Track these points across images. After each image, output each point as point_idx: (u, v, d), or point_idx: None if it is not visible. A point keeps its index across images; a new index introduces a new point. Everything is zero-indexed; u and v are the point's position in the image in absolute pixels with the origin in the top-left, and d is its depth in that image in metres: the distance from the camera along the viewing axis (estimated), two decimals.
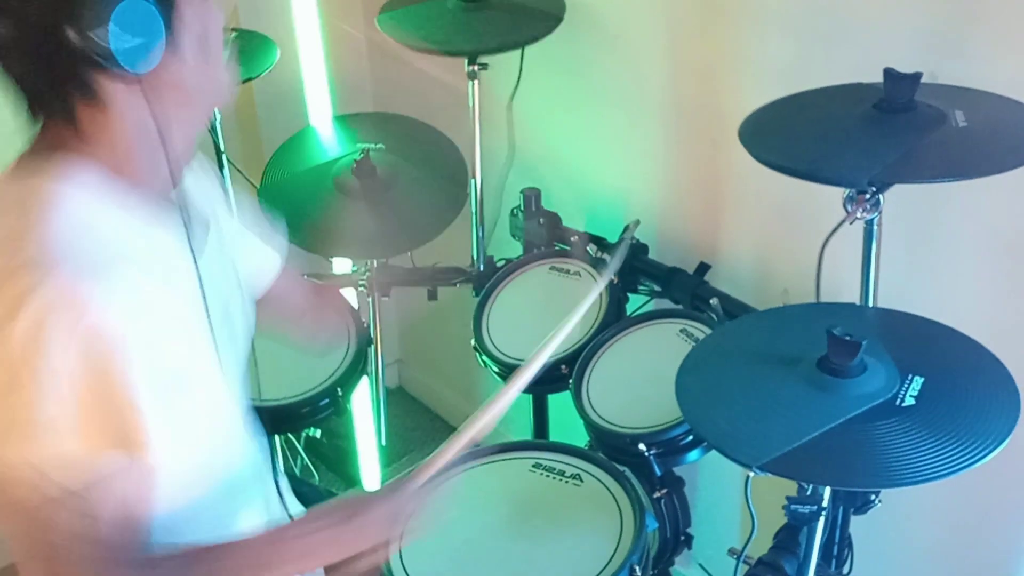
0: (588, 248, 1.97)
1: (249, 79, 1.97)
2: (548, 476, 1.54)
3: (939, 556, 1.79)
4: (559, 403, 1.84)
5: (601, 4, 1.96)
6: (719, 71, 1.81)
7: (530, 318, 1.90)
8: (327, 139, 2.13)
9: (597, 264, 1.91)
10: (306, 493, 1.45)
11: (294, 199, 2.00)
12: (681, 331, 1.72)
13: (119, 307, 0.96)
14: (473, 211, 2.09)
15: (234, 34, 1.10)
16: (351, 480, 2.65)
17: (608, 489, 1.50)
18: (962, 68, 1.42)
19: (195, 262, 1.08)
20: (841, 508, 1.50)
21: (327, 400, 1.81)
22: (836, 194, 1.31)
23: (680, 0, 1.83)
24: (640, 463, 1.56)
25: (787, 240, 1.81)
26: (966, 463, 1.08)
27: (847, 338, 1.19)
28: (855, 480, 1.18)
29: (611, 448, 1.60)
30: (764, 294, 1.82)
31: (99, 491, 0.97)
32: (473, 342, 1.88)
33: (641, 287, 1.93)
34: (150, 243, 1.05)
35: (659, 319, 1.78)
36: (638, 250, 1.92)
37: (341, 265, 2.29)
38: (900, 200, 1.33)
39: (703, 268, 1.84)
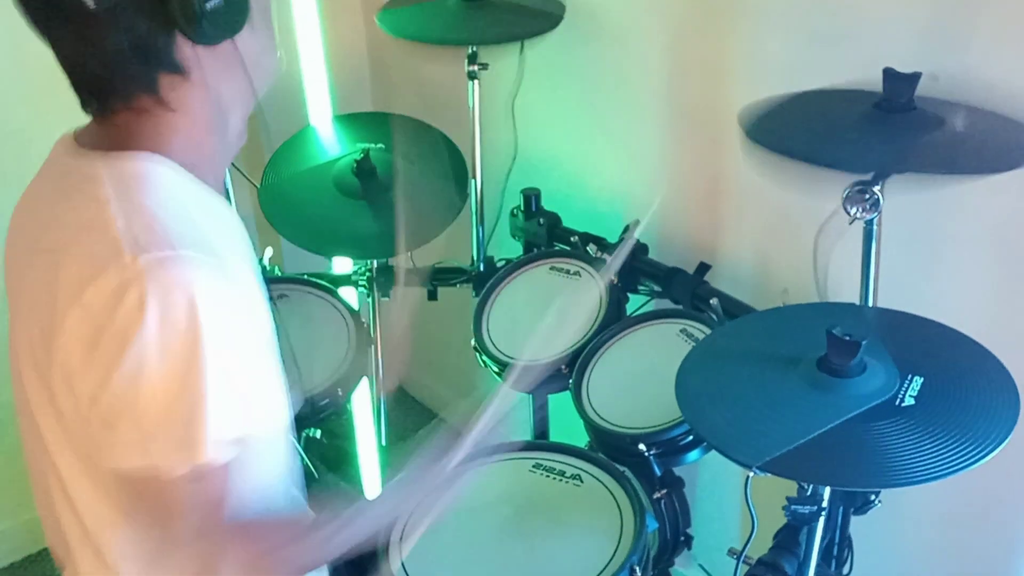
0: (588, 248, 1.97)
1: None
2: (548, 476, 1.54)
3: (939, 556, 1.79)
4: (559, 403, 1.84)
5: (601, 4, 1.96)
6: (719, 71, 1.81)
7: (530, 318, 1.90)
8: (327, 139, 2.13)
9: (596, 264, 1.91)
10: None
11: (294, 199, 2.00)
12: (681, 331, 1.72)
13: (240, 288, 0.98)
14: (473, 211, 2.09)
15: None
16: (351, 480, 2.65)
17: (608, 489, 1.50)
18: (962, 68, 1.42)
19: (254, 249, 1.12)
20: (841, 508, 1.50)
21: (327, 400, 1.81)
22: (836, 194, 1.31)
23: (680, 0, 1.83)
24: (640, 463, 1.56)
25: (787, 240, 1.81)
26: (966, 463, 1.08)
27: (847, 338, 1.19)
28: (855, 480, 1.18)
29: (611, 448, 1.60)
30: (764, 294, 1.82)
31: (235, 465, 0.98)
32: (473, 342, 1.88)
33: (641, 287, 1.93)
34: (228, 230, 1.07)
35: (659, 319, 1.78)
36: (638, 250, 1.92)
37: (341, 265, 2.29)
38: (900, 200, 1.33)
39: (703, 268, 1.84)
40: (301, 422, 1.86)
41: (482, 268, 2.15)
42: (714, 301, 1.74)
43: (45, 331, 0.97)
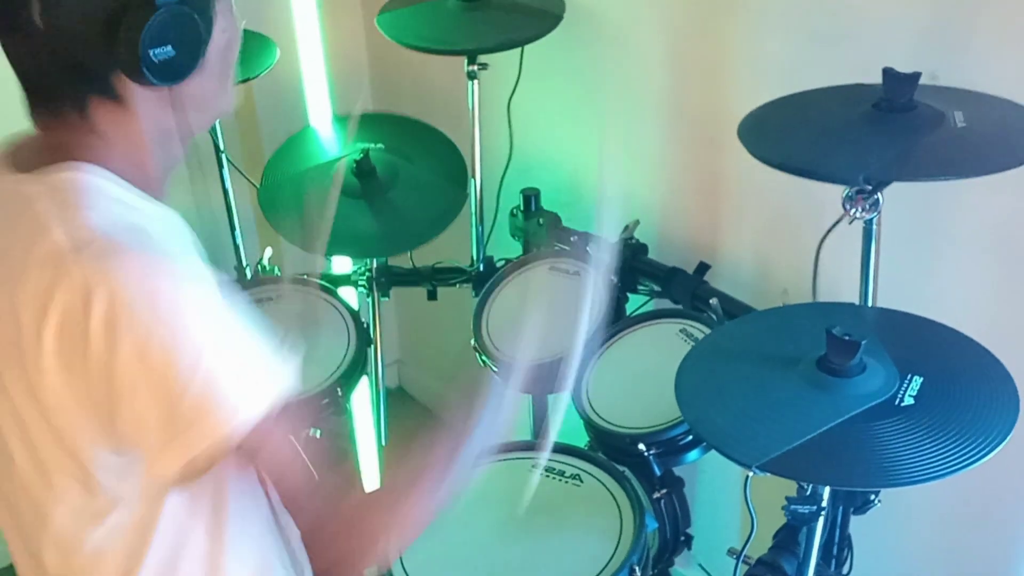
0: (588, 248, 1.97)
1: (249, 79, 1.97)
2: (548, 476, 1.54)
3: (939, 556, 1.79)
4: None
5: (601, 4, 1.96)
6: (719, 71, 1.81)
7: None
8: (327, 139, 2.13)
9: (597, 264, 1.91)
10: None
11: (294, 199, 2.00)
12: (681, 331, 1.72)
13: (189, 266, 0.96)
14: (473, 211, 2.09)
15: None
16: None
17: (608, 489, 1.50)
18: (962, 68, 1.42)
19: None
20: (841, 508, 1.49)
21: (327, 400, 1.81)
22: (836, 194, 1.31)
23: (680, 0, 1.83)
24: (640, 463, 1.56)
25: (787, 240, 1.81)
26: (965, 463, 1.08)
27: (846, 338, 1.19)
28: (854, 480, 1.18)
29: (611, 448, 1.60)
30: (764, 294, 1.82)
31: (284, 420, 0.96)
32: (473, 342, 1.88)
33: (641, 287, 1.93)
34: (170, 230, 1.05)
35: (659, 319, 1.78)
36: (638, 250, 1.92)
37: (341, 265, 2.29)
38: (900, 200, 1.33)
39: (703, 268, 1.84)
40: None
41: (482, 268, 2.15)
42: (714, 301, 1.74)
43: (17, 363, 0.95)
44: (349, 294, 2.14)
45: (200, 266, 1.00)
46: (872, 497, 1.48)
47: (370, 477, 2.58)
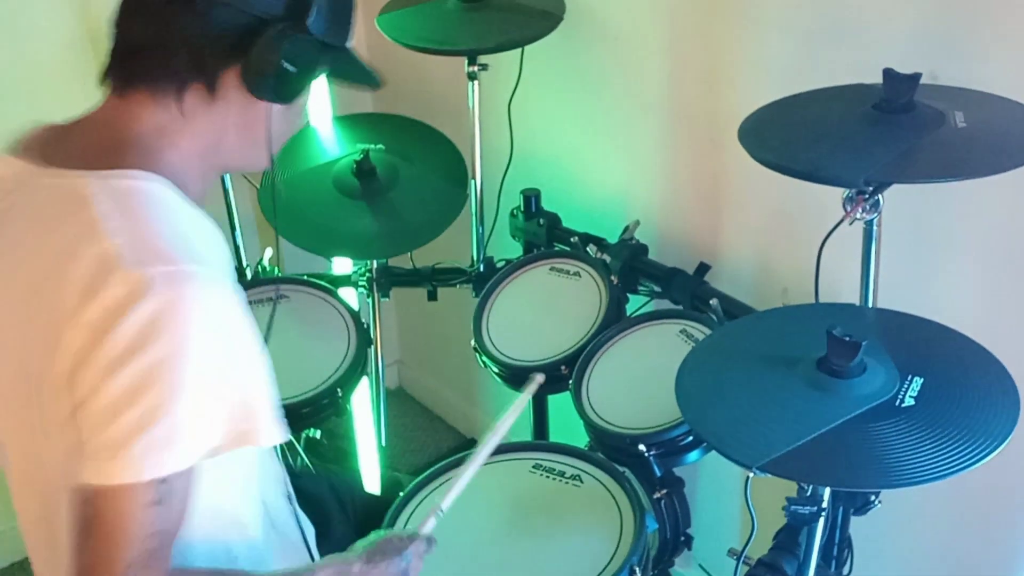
0: (588, 248, 1.97)
1: None
2: (548, 477, 1.54)
3: (939, 556, 1.79)
4: (559, 403, 1.84)
5: (601, 4, 1.96)
6: (719, 71, 1.81)
7: (530, 318, 1.90)
8: (327, 139, 2.13)
9: (597, 265, 1.91)
10: (305, 486, 1.45)
11: (294, 199, 2.00)
12: (681, 332, 1.72)
13: (234, 300, 0.98)
14: (473, 211, 2.10)
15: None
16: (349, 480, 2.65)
17: (608, 490, 1.50)
18: (962, 68, 1.42)
19: (235, 269, 1.10)
20: (841, 509, 1.50)
21: (327, 400, 1.81)
22: (836, 195, 1.31)
23: (680, 0, 1.83)
24: (640, 464, 1.56)
25: (787, 240, 1.81)
26: (966, 463, 1.08)
27: (847, 339, 1.19)
28: (855, 480, 1.18)
29: (611, 449, 1.60)
30: (764, 294, 1.82)
31: (181, 482, 0.97)
32: (473, 343, 1.88)
33: (641, 287, 1.93)
34: (215, 246, 1.07)
35: (659, 320, 1.78)
36: (638, 250, 1.92)
37: (341, 265, 2.29)
38: (900, 200, 1.33)
39: (703, 268, 1.84)
40: (301, 422, 1.86)
41: (482, 268, 2.15)
42: (714, 302, 1.74)
43: (37, 360, 0.96)
44: (349, 294, 2.14)
45: (235, 292, 1.01)
46: (872, 498, 1.48)
47: (370, 477, 2.58)
